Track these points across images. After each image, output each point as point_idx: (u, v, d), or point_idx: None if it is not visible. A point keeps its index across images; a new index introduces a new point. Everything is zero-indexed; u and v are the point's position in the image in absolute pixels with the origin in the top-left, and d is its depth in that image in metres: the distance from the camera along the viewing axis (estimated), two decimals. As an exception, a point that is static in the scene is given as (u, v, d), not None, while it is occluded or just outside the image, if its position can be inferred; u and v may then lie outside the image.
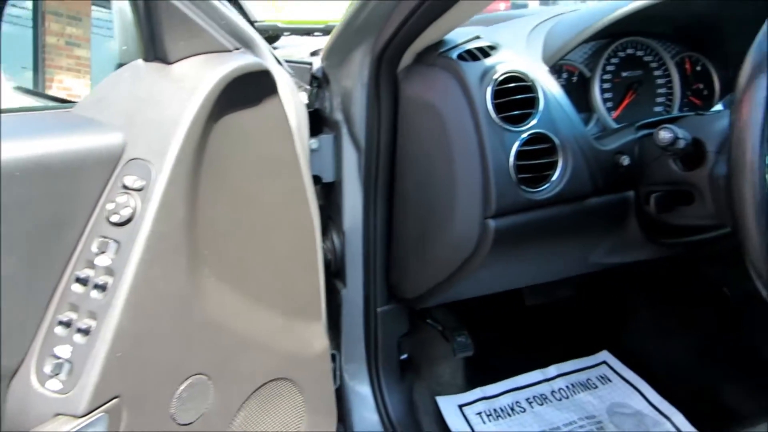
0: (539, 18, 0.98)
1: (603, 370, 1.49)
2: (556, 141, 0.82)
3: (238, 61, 0.72)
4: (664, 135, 0.72)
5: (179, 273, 0.68)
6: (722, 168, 0.73)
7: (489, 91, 0.80)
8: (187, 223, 0.68)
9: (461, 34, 0.90)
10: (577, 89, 1.02)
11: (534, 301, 1.45)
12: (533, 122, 0.82)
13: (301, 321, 0.91)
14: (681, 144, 0.72)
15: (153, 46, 0.69)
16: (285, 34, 2.88)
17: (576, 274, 1.04)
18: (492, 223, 0.82)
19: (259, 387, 0.84)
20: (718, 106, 1.10)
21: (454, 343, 1.19)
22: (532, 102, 0.83)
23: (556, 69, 1.00)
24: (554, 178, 0.83)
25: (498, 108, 0.81)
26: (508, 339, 1.52)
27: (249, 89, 0.74)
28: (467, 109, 0.80)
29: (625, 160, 0.86)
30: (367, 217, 1.02)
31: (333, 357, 1.12)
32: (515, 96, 0.82)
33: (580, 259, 0.99)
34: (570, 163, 0.83)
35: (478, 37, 0.89)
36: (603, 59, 1.02)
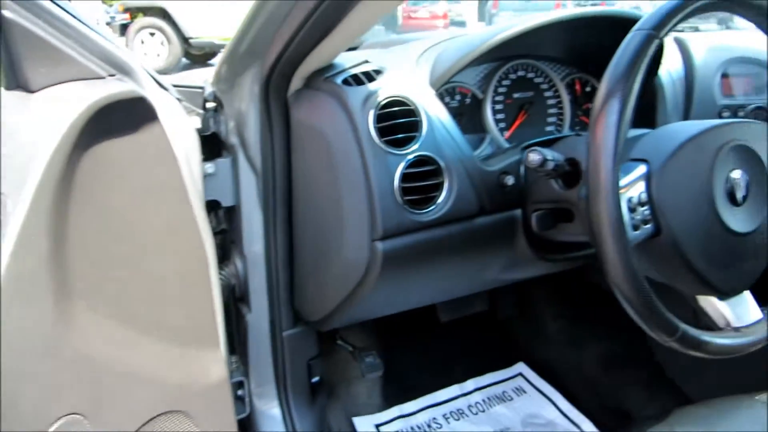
0: (431, 41, 1.01)
1: (519, 381, 1.52)
2: (441, 163, 0.84)
3: (109, 89, 0.70)
4: (533, 157, 0.74)
5: (44, 309, 0.65)
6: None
7: (372, 115, 0.81)
8: (52, 258, 0.65)
9: (350, 59, 0.91)
10: (471, 110, 1.05)
11: (448, 317, 1.47)
12: (417, 145, 0.83)
13: (194, 350, 0.88)
14: (550, 165, 0.75)
15: (13, 73, 0.66)
16: (221, 51, 2.84)
17: (474, 291, 1.06)
18: (380, 246, 0.82)
19: (147, 422, 0.81)
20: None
21: (362, 363, 1.19)
22: (416, 125, 0.84)
23: (449, 91, 1.02)
24: (440, 199, 0.84)
25: (382, 132, 0.82)
26: (426, 355, 1.53)
27: (123, 117, 0.73)
28: (351, 133, 0.81)
29: (510, 180, 0.89)
30: (268, 241, 1.01)
31: (241, 383, 1.10)
32: (399, 120, 0.83)
33: (475, 277, 1.01)
34: (455, 184, 0.85)
35: (366, 62, 0.90)
36: (494, 81, 1.05)
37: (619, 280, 0.66)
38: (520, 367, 1.56)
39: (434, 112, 0.87)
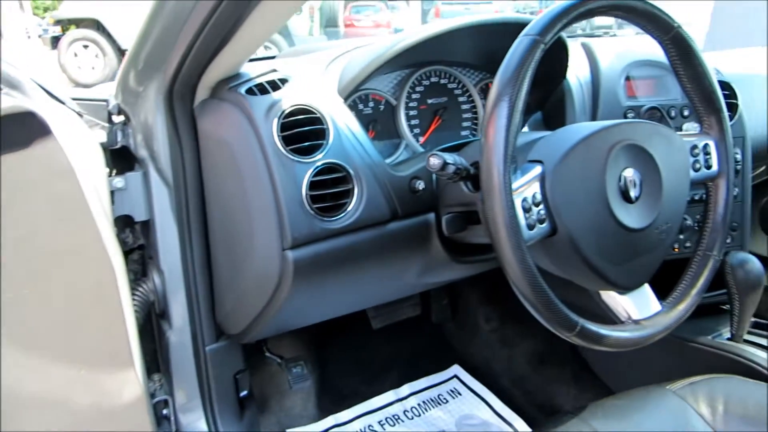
0: (341, 50, 1.01)
1: (454, 384, 1.54)
2: (350, 170, 0.84)
3: (-8, 104, 0.67)
4: (433, 161, 0.76)
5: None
6: None
7: (275, 124, 0.81)
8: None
9: (257, 68, 0.90)
10: (385, 117, 1.05)
11: (380, 324, 1.48)
12: (324, 153, 0.83)
13: (107, 371, 0.85)
14: (451, 169, 0.76)
15: None
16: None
17: (395, 297, 1.06)
18: (290, 255, 0.82)
19: (53, 448, 0.78)
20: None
21: (289, 374, 1.18)
22: (323, 133, 0.84)
23: (362, 98, 1.03)
24: (350, 206, 0.85)
25: (287, 140, 0.81)
26: (361, 362, 1.53)
27: (12, 132, 0.70)
28: (255, 142, 0.80)
29: (421, 185, 0.90)
30: (185, 255, 0.99)
31: (166, 402, 1.07)
32: (305, 128, 0.83)
33: (393, 283, 1.01)
34: (365, 190, 0.85)
35: (273, 71, 0.90)
36: (407, 88, 1.06)
37: (516, 279, 0.67)
38: (455, 369, 1.57)
39: (342, 120, 0.87)
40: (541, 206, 0.71)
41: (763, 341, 1.07)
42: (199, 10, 0.72)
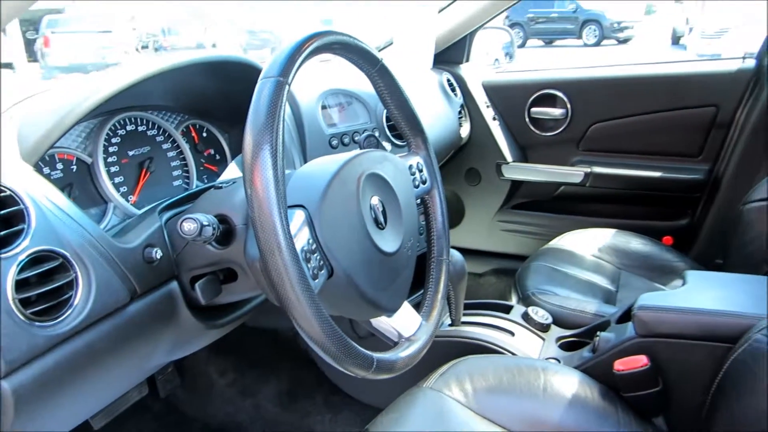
0: (9, 102, 0.79)
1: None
2: (67, 254, 0.66)
3: None
4: (188, 227, 0.66)
5: None
6: (254, 246, 0.71)
7: None
8: None
9: None
10: (82, 179, 0.87)
11: (103, 422, 1.23)
12: (28, 240, 0.64)
13: None
14: (208, 232, 0.67)
15: None
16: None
17: (138, 383, 0.90)
18: (6, 386, 0.60)
19: None
20: (232, 167, 1.12)
21: None
22: (21, 215, 0.64)
23: (46, 161, 0.83)
24: (77, 299, 0.67)
25: None
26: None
27: None
28: None
29: (157, 253, 0.77)
30: None
31: None
32: None
33: (139, 370, 0.85)
34: (93, 275, 0.69)
35: None
36: (102, 141, 0.90)
37: (313, 333, 0.63)
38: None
39: (40, 193, 0.68)
40: (317, 253, 0.68)
41: (476, 319, 1.25)
42: None
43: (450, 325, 1.24)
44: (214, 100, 1.06)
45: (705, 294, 0.98)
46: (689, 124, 1.77)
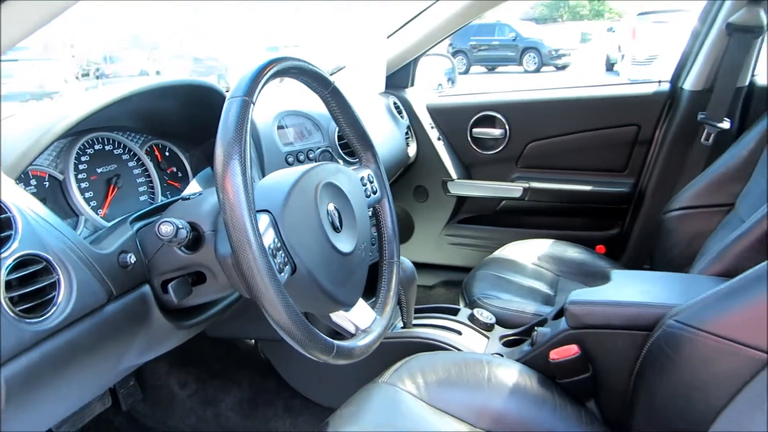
0: None
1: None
2: (50, 258, 0.73)
3: None
4: (166, 229, 0.73)
5: None
6: (224, 245, 0.78)
7: None
8: None
9: None
10: (54, 194, 0.93)
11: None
12: (16, 244, 0.70)
13: None
14: (183, 234, 0.75)
15: None
16: None
17: (109, 386, 0.94)
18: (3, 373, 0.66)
19: None
20: (194, 184, 1.19)
21: None
22: (9, 223, 0.71)
23: (21, 178, 0.88)
24: (60, 298, 0.73)
25: None
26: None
27: None
28: None
29: (131, 258, 0.84)
30: None
31: None
32: None
33: (110, 372, 0.90)
34: (74, 277, 0.75)
35: None
36: (72, 159, 0.96)
37: (281, 320, 0.70)
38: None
39: (24, 203, 0.74)
40: (282, 251, 0.76)
41: (425, 321, 1.35)
42: None
43: (402, 327, 1.33)
44: (176, 121, 1.14)
45: (628, 289, 1.10)
46: (615, 141, 1.94)
